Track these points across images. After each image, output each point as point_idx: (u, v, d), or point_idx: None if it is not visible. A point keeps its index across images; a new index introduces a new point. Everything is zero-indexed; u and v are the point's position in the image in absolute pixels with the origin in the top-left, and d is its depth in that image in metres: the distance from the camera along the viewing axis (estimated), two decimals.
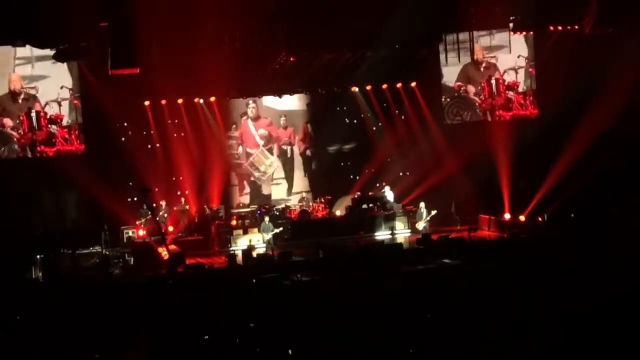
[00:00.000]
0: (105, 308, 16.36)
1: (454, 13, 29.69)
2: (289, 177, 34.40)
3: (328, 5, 27.82)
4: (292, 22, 28.18)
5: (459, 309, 13.40)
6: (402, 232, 31.30)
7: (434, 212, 30.47)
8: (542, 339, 11.74)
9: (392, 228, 31.28)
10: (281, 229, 29.79)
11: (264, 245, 29.32)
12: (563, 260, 19.69)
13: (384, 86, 33.80)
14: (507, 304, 13.69)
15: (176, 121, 32.15)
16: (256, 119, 33.79)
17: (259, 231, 29.75)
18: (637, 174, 29.84)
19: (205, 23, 27.18)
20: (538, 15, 29.95)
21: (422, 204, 30.95)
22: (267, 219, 29.54)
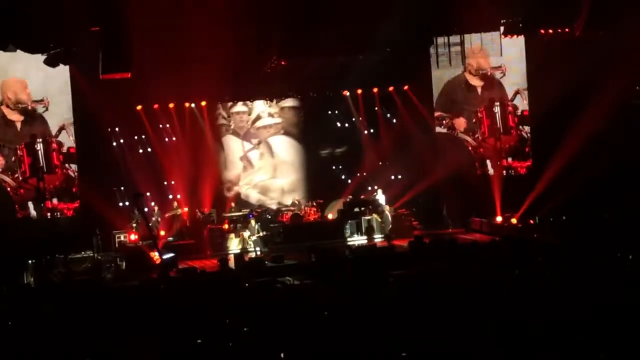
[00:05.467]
0: (97, 312, 16.32)
1: (445, 16, 29.63)
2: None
3: (319, 9, 27.82)
4: (284, 26, 28.19)
5: (452, 311, 13.41)
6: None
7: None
8: (535, 342, 11.75)
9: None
10: (264, 232, 29.78)
11: (252, 248, 29.40)
12: (555, 262, 19.69)
13: (375, 90, 33.85)
14: (499, 306, 13.68)
15: (168, 125, 32.15)
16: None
17: (247, 233, 29.81)
18: (631, 176, 29.87)
19: (196, 27, 27.17)
20: (529, 18, 29.91)
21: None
22: (253, 221, 29.66)
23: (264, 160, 34.22)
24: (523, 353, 11.39)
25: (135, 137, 31.68)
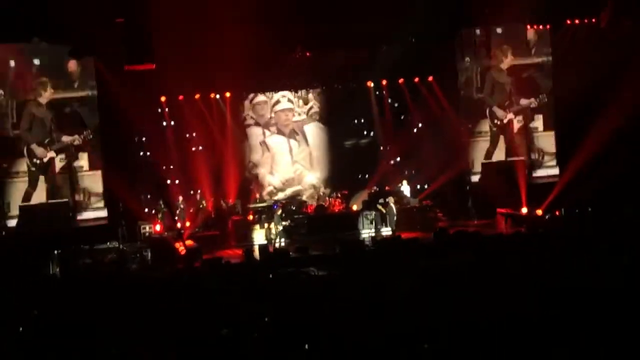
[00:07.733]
0: (122, 303, 16.41)
1: (469, 7, 29.41)
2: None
3: (344, 1, 27.79)
4: (308, 18, 28.19)
5: (475, 302, 13.39)
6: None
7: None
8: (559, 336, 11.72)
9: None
10: (288, 223, 29.88)
11: (276, 238, 29.44)
12: (579, 255, 19.63)
13: (401, 81, 33.71)
14: (524, 299, 13.65)
15: (192, 117, 32.19)
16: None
17: (272, 224, 29.84)
18: None
19: (221, 19, 27.20)
20: (555, 9, 29.60)
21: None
22: (278, 212, 29.74)
23: None
24: (543, 344, 11.38)
25: (160, 128, 31.74)
